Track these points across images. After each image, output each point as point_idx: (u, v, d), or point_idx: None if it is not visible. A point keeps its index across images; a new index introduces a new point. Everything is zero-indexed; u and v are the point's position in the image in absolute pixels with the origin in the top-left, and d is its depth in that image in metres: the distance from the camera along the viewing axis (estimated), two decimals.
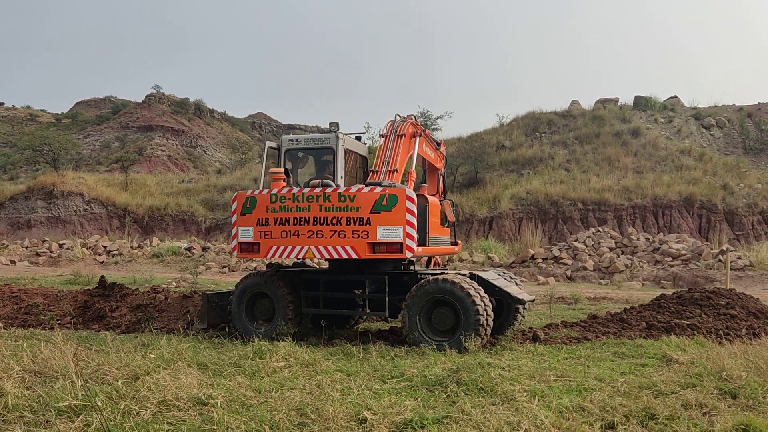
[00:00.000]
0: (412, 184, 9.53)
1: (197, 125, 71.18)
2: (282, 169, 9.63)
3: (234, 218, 9.27)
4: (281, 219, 8.80)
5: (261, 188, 9.43)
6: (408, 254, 8.50)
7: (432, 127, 42.50)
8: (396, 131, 10.02)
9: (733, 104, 42.59)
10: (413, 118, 10.39)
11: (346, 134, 9.89)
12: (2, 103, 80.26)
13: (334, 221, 8.55)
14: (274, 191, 8.93)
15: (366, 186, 8.70)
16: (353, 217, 8.49)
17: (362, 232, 8.44)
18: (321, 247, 8.65)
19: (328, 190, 8.71)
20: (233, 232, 9.29)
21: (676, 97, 43.60)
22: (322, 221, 8.60)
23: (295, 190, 8.88)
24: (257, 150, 61.53)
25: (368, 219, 8.44)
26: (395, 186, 8.75)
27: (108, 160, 57.12)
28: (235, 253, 9.29)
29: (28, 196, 38.66)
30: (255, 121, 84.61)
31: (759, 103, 41.92)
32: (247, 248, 9.14)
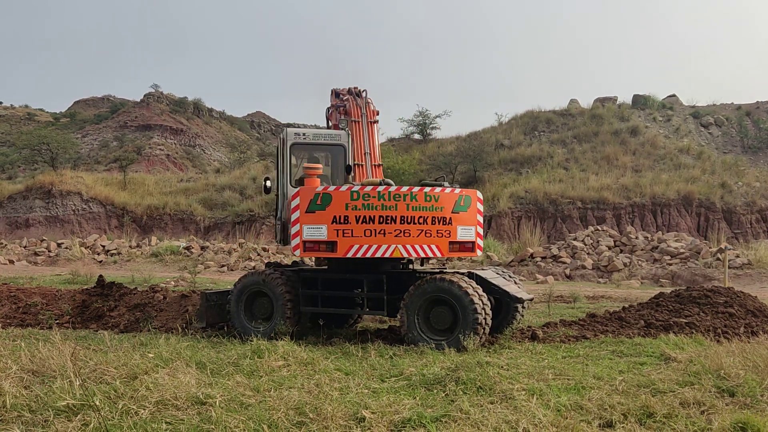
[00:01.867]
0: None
1: (196, 124, 71.14)
2: (320, 165, 9.43)
3: (296, 215, 8.68)
4: (365, 217, 8.51)
5: (293, 184, 9.29)
6: (479, 252, 9.08)
7: (431, 126, 42.58)
8: (368, 118, 9.98)
9: (732, 103, 42.68)
10: (366, 93, 10.39)
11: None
12: (0, 102, 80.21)
13: (421, 220, 8.63)
14: (356, 188, 8.62)
15: (445, 187, 8.93)
16: (438, 217, 8.67)
17: (445, 231, 8.71)
18: (408, 246, 8.62)
19: (415, 189, 8.68)
20: (294, 230, 8.68)
21: (674, 95, 43.66)
22: (409, 220, 8.60)
23: (381, 188, 8.62)
24: (256, 149, 61.56)
25: (450, 219, 8.74)
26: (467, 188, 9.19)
27: (106, 160, 57.10)
28: (297, 252, 8.69)
29: (27, 195, 38.62)
30: (254, 120, 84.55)
31: (757, 101, 42.03)
32: (314, 247, 8.64)
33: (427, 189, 8.70)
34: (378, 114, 10.21)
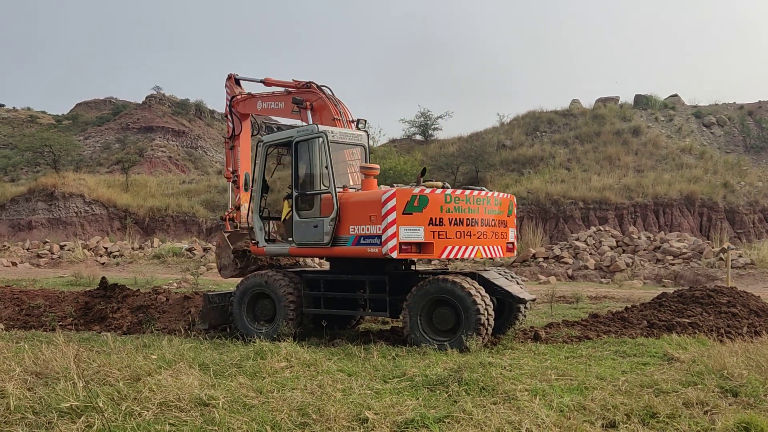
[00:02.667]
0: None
1: (198, 126, 71.18)
2: (377, 165, 9.46)
3: (392, 216, 8.49)
4: (456, 219, 8.71)
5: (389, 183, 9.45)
6: (515, 253, 9.97)
7: (432, 126, 42.60)
8: (346, 117, 10.05)
9: (734, 102, 42.63)
10: (331, 90, 10.38)
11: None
12: (3, 105, 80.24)
13: (493, 223, 9.13)
14: (449, 191, 8.70)
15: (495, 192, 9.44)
16: (501, 220, 9.36)
17: (504, 233, 9.48)
18: (486, 247, 9.06)
19: (489, 193, 9.15)
20: (391, 231, 8.48)
21: (676, 95, 43.61)
22: (486, 222, 9.02)
23: (468, 191, 8.84)
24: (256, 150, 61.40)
25: (506, 221, 9.50)
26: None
27: (109, 162, 57.16)
28: (394, 254, 8.46)
29: (29, 197, 38.70)
30: (255, 122, 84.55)
31: (760, 101, 41.95)
32: (410, 248, 8.55)
33: (496, 194, 9.28)
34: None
